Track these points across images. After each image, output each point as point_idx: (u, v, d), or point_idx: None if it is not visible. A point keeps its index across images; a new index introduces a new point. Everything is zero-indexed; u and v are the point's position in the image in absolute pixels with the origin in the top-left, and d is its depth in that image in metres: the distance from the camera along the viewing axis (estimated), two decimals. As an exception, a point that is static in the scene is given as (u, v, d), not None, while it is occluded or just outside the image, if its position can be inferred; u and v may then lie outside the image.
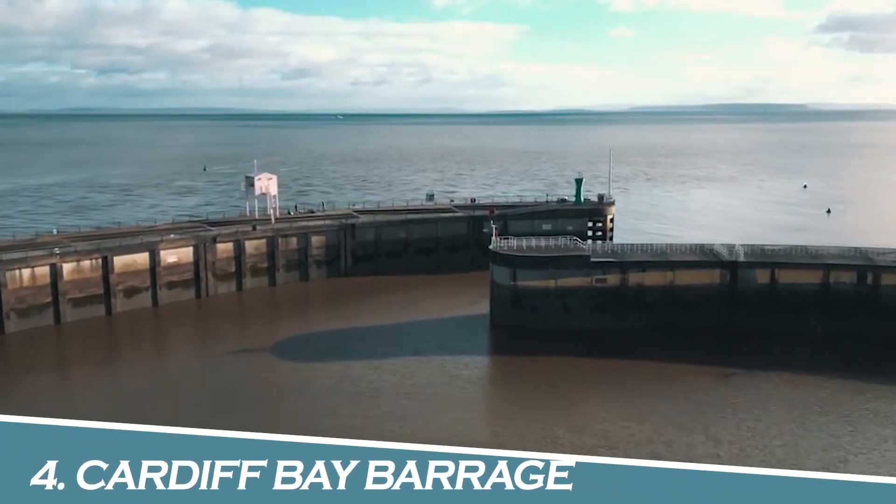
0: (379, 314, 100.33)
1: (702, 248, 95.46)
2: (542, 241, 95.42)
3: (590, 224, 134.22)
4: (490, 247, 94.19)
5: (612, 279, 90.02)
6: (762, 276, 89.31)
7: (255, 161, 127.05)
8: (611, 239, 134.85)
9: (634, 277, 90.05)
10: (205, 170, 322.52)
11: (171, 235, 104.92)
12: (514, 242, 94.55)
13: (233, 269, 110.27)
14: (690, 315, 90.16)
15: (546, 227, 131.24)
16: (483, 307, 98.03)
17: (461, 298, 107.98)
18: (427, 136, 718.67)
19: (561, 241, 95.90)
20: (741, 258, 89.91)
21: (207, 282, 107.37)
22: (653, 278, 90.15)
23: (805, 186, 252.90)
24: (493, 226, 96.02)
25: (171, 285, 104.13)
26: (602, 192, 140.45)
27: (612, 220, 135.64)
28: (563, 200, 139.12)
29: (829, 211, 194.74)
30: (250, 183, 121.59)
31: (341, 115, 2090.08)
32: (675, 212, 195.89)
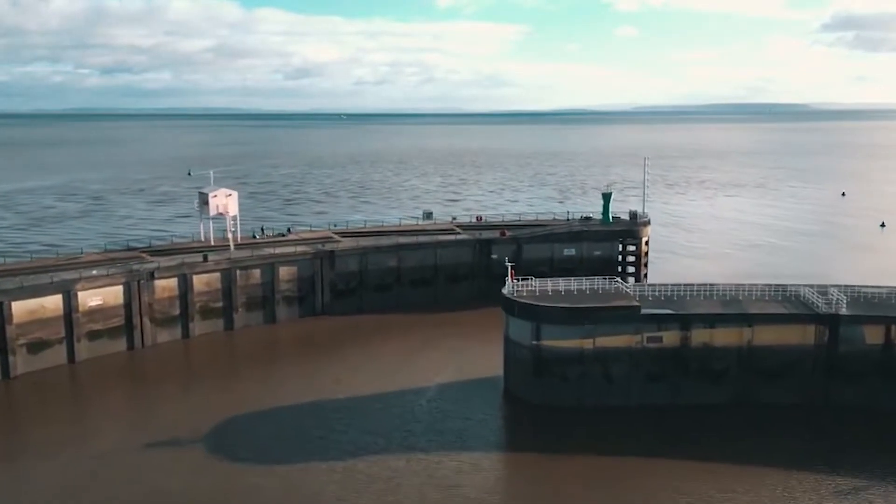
0: (358, 376, 77.11)
1: (785, 293, 72.16)
2: (573, 283, 72.22)
3: (621, 248, 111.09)
4: (504, 291, 70.98)
5: (670, 338, 66.79)
6: (873, 335, 66.04)
7: (210, 172, 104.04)
8: (646, 265, 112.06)
9: (699, 335, 66.83)
10: (189, 174, 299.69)
11: (94, 272, 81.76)
12: (535, 285, 71.36)
13: (176, 312, 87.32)
14: (774, 388, 67.15)
15: (568, 251, 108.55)
16: (494, 363, 75.09)
17: (466, 349, 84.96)
18: (429, 137, 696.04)
19: (598, 283, 72.65)
20: (843, 310, 66.63)
21: (143, 329, 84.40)
22: (724, 337, 66.93)
23: (843, 194, 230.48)
24: (510, 264, 72.69)
25: (94, 335, 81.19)
26: (634, 209, 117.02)
27: (647, 244, 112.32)
28: (588, 218, 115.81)
29: (882, 224, 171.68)
30: (204, 200, 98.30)
31: (345, 114, 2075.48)
32: (711, 227, 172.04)
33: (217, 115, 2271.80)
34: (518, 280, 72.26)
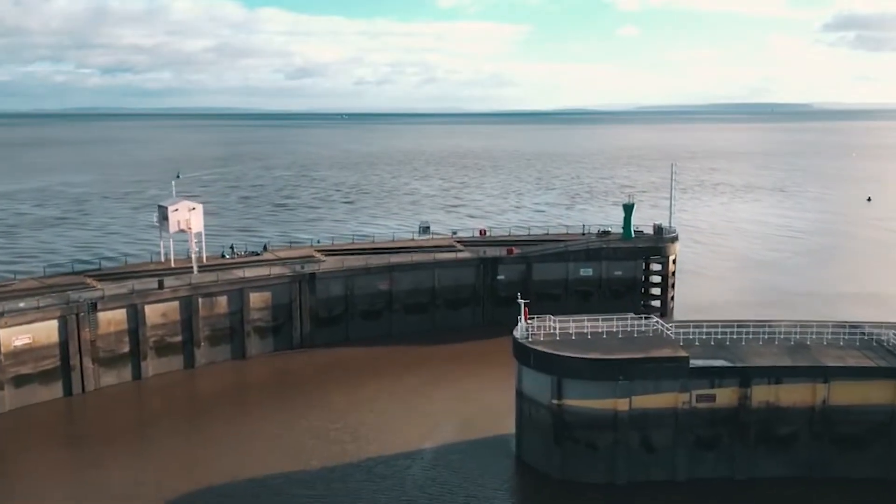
0: (338, 432, 63.61)
1: (864, 337, 58.48)
2: (601, 324, 58.65)
3: (644, 267, 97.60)
4: (516, 335, 57.43)
5: (726, 397, 53.27)
6: (980, 394, 52.42)
7: (172, 182, 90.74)
8: (672, 287, 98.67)
9: (761, 393, 53.30)
10: (178, 177, 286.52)
11: (21, 304, 68.25)
12: (554, 325, 57.82)
13: (126, 349, 73.85)
14: (854, 459, 53.61)
15: (585, 271, 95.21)
16: (504, 416, 61.78)
17: (469, 394, 71.60)
18: (430, 138, 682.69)
19: (631, 321, 59.07)
20: (941, 361, 53.03)
21: (83, 371, 70.88)
22: (792, 395, 53.41)
23: (869, 199, 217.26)
24: (523, 301, 59.09)
25: (22, 381, 67.70)
26: (659, 222, 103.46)
27: (674, 262, 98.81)
28: (607, 233, 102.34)
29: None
30: (164, 215, 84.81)
31: (346, 114, 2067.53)
32: (734, 239, 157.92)
33: (218, 114, 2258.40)
34: (532, 319, 58.71)
